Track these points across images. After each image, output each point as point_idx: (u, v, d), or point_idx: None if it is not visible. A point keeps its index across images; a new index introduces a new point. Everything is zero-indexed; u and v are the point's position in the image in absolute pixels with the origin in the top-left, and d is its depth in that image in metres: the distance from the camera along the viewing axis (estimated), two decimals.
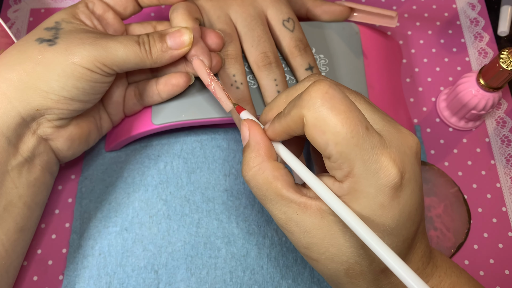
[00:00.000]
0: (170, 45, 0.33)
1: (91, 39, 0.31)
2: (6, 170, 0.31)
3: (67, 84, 0.31)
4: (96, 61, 0.31)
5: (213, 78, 0.33)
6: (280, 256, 0.38)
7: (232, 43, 0.36)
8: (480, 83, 0.38)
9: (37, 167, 0.33)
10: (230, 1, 0.37)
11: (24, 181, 0.32)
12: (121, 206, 0.39)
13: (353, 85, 0.38)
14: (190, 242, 0.38)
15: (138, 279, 0.37)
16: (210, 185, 0.40)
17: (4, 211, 0.31)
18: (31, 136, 0.32)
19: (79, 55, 0.30)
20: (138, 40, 0.32)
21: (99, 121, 0.37)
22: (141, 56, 0.32)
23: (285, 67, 0.38)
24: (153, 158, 0.41)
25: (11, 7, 0.49)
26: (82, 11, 0.34)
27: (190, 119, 0.37)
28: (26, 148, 0.32)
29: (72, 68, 0.30)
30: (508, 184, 0.41)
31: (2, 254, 0.32)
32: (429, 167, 0.40)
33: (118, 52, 0.31)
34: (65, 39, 0.31)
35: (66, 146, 0.34)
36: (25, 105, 0.30)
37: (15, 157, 0.32)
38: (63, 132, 0.34)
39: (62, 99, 0.31)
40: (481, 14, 0.48)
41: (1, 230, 0.31)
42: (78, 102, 0.32)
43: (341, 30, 0.40)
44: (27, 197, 0.33)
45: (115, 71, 0.32)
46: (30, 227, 0.34)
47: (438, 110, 0.43)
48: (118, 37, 0.32)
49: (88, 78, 0.31)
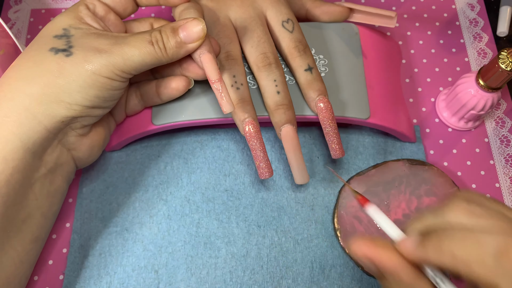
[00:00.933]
0: (183, 39, 0.32)
1: (105, 46, 0.31)
2: (30, 184, 0.31)
3: (89, 94, 0.31)
4: (115, 69, 0.31)
5: (221, 77, 0.32)
6: (280, 256, 0.38)
7: (232, 44, 0.36)
8: (479, 84, 0.38)
9: (58, 177, 0.33)
10: (230, 2, 0.37)
11: (45, 193, 0.32)
12: (122, 206, 0.39)
13: (352, 85, 0.39)
14: (190, 242, 0.38)
15: (138, 279, 0.37)
16: (210, 185, 0.40)
17: (22, 223, 0.31)
18: (56, 147, 0.32)
19: (98, 64, 0.30)
20: (151, 39, 0.31)
21: (108, 123, 0.37)
22: (157, 57, 0.32)
23: (285, 67, 0.38)
24: (154, 158, 0.41)
25: (12, 7, 0.49)
26: (85, 14, 0.33)
27: (190, 120, 0.37)
28: (51, 159, 0.32)
29: (93, 79, 0.30)
30: (507, 184, 0.41)
31: (17, 265, 0.32)
32: (429, 167, 0.40)
33: (134, 57, 0.31)
34: (80, 48, 0.31)
35: (87, 153, 0.35)
36: (50, 119, 0.30)
37: (38, 170, 0.31)
38: (85, 140, 0.34)
39: (84, 108, 0.31)
40: (480, 14, 0.48)
41: (18, 241, 0.31)
42: (99, 109, 0.32)
43: (341, 31, 0.40)
44: (45, 207, 0.33)
45: (133, 75, 0.32)
46: (44, 236, 0.34)
47: (437, 110, 0.44)
48: (130, 40, 0.31)
49: (108, 87, 0.31)
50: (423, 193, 0.39)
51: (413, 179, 0.39)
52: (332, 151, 0.36)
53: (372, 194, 0.39)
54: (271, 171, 0.36)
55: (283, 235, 0.39)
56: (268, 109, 0.36)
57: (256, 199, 0.40)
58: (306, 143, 0.42)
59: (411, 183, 0.39)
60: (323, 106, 0.36)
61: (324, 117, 0.36)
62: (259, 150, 0.35)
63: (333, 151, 0.36)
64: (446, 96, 0.43)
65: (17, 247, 0.31)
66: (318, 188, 0.40)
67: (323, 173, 0.41)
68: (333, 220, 0.39)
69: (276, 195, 0.40)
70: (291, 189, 0.40)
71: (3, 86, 0.31)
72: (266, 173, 0.36)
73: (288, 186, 0.40)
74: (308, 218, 0.39)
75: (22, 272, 0.33)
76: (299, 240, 0.38)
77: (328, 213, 0.39)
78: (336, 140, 0.36)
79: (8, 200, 0.30)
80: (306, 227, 0.39)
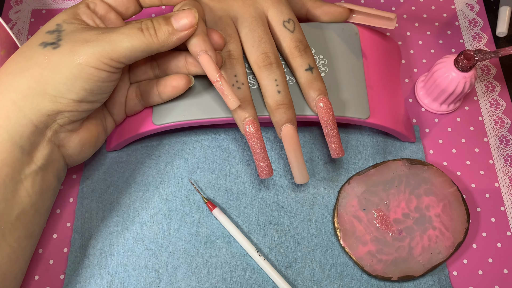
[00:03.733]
0: (176, 27, 0.32)
1: (93, 36, 0.31)
2: (20, 179, 0.31)
3: (75, 86, 0.30)
4: (102, 57, 0.30)
5: (221, 74, 0.33)
6: (280, 256, 0.38)
7: (233, 44, 0.36)
8: (459, 65, 0.39)
9: (49, 174, 0.33)
10: (231, 2, 0.37)
11: (38, 189, 0.32)
12: (122, 206, 0.39)
13: (352, 85, 0.39)
14: (190, 241, 0.38)
15: (139, 278, 0.37)
16: (211, 185, 0.40)
17: (16, 219, 0.31)
18: (46, 144, 0.32)
19: (84, 54, 0.30)
20: (141, 26, 0.31)
21: (104, 122, 0.37)
22: (146, 42, 0.31)
23: (285, 67, 0.38)
24: (154, 158, 0.41)
25: (13, 8, 0.49)
26: (83, 12, 0.33)
27: (190, 119, 0.37)
28: (41, 156, 0.32)
29: (79, 69, 0.30)
30: (506, 184, 0.41)
31: (13, 261, 0.32)
32: (428, 167, 0.40)
33: (123, 43, 0.30)
34: (68, 40, 0.31)
35: (77, 151, 0.34)
36: (35, 112, 0.30)
37: (29, 166, 0.31)
38: (74, 137, 0.34)
39: (71, 102, 0.31)
40: (480, 15, 0.49)
41: (12, 237, 0.31)
42: (86, 103, 0.32)
43: (341, 31, 0.40)
44: (38, 204, 0.33)
45: (123, 63, 0.32)
46: (38, 232, 0.34)
47: (418, 98, 0.44)
48: (119, 28, 0.31)
49: (95, 78, 0.31)
50: (422, 192, 0.39)
51: (412, 178, 0.39)
52: (332, 151, 0.37)
53: (371, 194, 0.39)
54: (271, 171, 0.36)
55: (283, 234, 0.39)
56: (269, 108, 0.36)
57: (256, 198, 0.40)
58: (306, 142, 0.42)
59: (410, 182, 0.39)
60: (323, 106, 0.36)
61: (324, 117, 0.36)
62: (259, 149, 0.35)
63: (333, 150, 0.37)
64: (424, 84, 0.43)
65: (12, 243, 0.31)
66: (318, 188, 0.40)
67: (323, 172, 0.41)
68: (333, 220, 0.39)
69: (276, 195, 0.40)
70: (291, 189, 0.40)
71: None
72: (266, 172, 0.36)
73: (288, 185, 0.40)
74: (308, 217, 0.39)
75: (18, 268, 0.33)
76: (299, 239, 0.38)
77: (328, 212, 0.39)
78: (336, 139, 0.36)
79: None
80: (306, 227, 0.39)
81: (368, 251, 0.37)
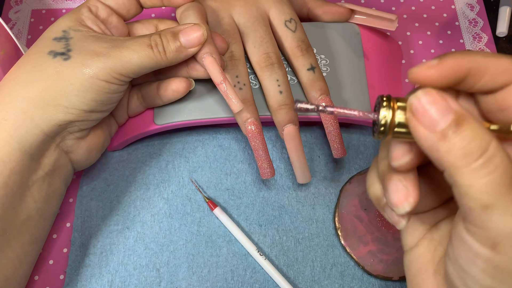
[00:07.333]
0: (184, 43, 0.32)
1: (103, 49, 0.31)
2: (27, 186, 0.31)
3: (87, 98, 0.31)
4: (113, 72, 0.31)
5: (225, 77, 0.33)
6: (281, 255, 0.38)
7: (235, 44, 0.36)
8: None
9: (56, 180, 0.33)
10: (233, 2, 0.37)
11: (44, 195, 0.32)
12: (123, 205, 0.39)
13: (354, 85, 0.39)
14: (191, 240, 0.38)
15: (139, 277, 0.37)
16: (212, 184, 0.40)
17: (22, 225, 0.31)
18: (54, 150, 0.32)
19: (96, 68, 0.30)
20: (150, 43, 0.32)
21: (109, 126, 0.37)
22: (155, 60, 0.32)
23: (287, 67, 0.39)
24: (155, 157, 0.41)
25: (12, 8, 0.49)
26: (87, 17, 0.33)
27: (192, 119, 0.37)
28: (48, 162, 0.32)
29: (91, 82, 0.30)
30: None
31: (17, 266, 0.32)
32: None
33: (133, 61, 0.31)
34: (78, 52, 0.31)
35: (85, 156, 0.35)
36: (47, 122, 0.30)
37: (36, 172, 0.31)
38: (83, 143, 0.34)
39: (82, 112, 0.31)
40: (480, 15, 0.49)
41: (17, 243, 0.31)
42: (97, 113, 0.32)
43: (342, 31, 0.41)
44: (44, 209, 0.33)
45: (132, 77, 0.32)
46: (43, 237, 0.34)
47: None
48: (129, 43, 0.31)
49: (106, 90, 0.31)
50: None
51: None
52: (334, 151, 0.37)
53: None
54: (273, 171, 0.36)
55: (284, 234, 0.39)
56: (271, 108, 0.36)
57: (257, 198, 0.40)
58: (307, 142, 0.42)
59: None
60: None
61: (326, 117, 0.36)
62: (261, 150, 0.35)
63: (334, 150, 0.37)
64: None
65: (17, 249, 0.31)
66: (319, 187, 0.40)
67: (324, 172, 0.41)
68: (334, 219, 0.39)
69: (277, 194, 0.40)
70: (292, 188, 0.40)
71: (2, 88, 0.31)
72: (268, 173, 0.36)
73: (289, 185, 0.40)
74: (309, 217, 0.39)
75: (21, 273, 0.33)
76: (300, 239, 0.38)
77: (329, 212, 0.39)
78: (338, 139, 0.36)
79: (6, 202, 0.30)
80: (307, 226, 0.39)
81: (369, 251, 0.37)
